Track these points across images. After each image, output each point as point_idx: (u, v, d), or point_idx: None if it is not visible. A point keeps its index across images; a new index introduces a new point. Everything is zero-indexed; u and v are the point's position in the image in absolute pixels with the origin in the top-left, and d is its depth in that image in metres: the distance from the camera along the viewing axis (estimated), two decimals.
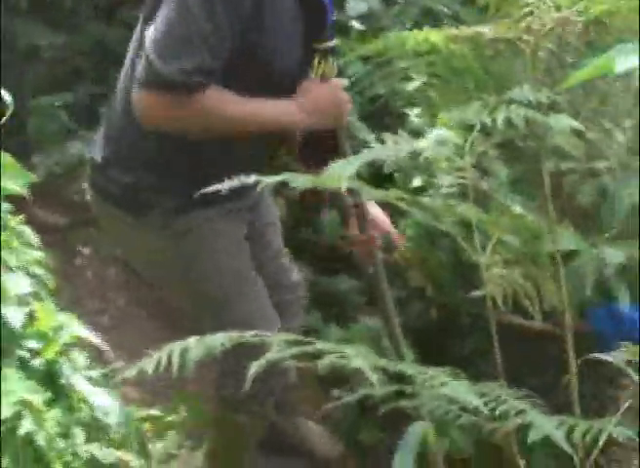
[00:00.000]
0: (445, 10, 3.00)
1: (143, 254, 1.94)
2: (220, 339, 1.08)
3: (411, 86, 2.88)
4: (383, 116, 3.04)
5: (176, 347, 1.07)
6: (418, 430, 1.59)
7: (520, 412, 1.03)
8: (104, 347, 1.63)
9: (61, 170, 3.27)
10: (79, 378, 1.44)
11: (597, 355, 1.46)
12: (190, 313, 2.15)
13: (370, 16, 3.09)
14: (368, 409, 2.36)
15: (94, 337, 1.60)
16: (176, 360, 1.05)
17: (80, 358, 1.53)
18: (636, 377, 1.37)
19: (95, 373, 1.48)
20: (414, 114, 2.90)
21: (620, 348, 1.56)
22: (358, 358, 1.07)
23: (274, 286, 2.06)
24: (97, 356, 1.77)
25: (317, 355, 1.10)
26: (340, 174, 1.19)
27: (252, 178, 1.18)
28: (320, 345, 1.09)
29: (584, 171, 2.26)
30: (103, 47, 3.15)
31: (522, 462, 1.41)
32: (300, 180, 1.19)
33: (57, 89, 3.47)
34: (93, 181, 1.90)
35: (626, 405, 1.29)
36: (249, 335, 1.09)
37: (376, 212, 1.97)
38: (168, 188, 1.81)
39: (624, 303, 1.96)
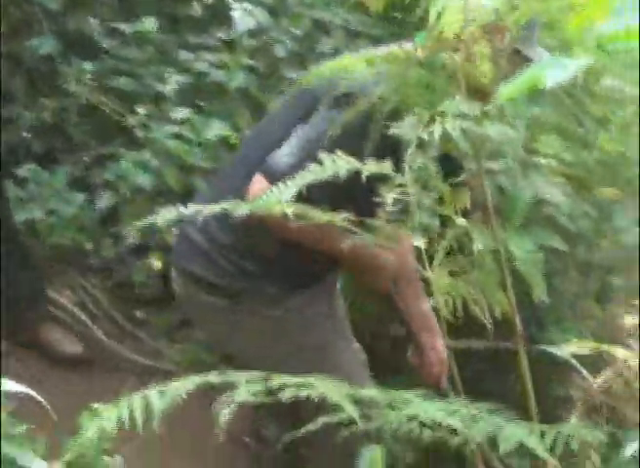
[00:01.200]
0: (336, 20, 2.99)
1: (237, 336, 1.95)
2: (182, 387, 1.02)
3: None
4: None
5: (136, 401, 1.01)
6: (370, 454, 1.59)
7: (494, 427, 1.02)
8: None
9: None
10: None
11: (545, 347, 1.47)
12: None
13: (259, 30, 3.06)
14: None
15: None
16: (139, 415, 0.99)
17: None
18: (584, 372, 1.38)
19: None
20: None
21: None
22: (324, 387, 1.05)
23: None
24: None
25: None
26: (278, 197, 1.16)
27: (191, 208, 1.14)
28: (284, 379, 1.06)
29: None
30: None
31: None
32: (241, 208, 1.15)
33: None
34: (187, 268, 1.90)
35: (579, 405, 1.29)
36: (214, 376, 1.04)
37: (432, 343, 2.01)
38: (269, 276, 1.85)
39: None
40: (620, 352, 1.20)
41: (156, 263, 2.90)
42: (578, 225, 2.71)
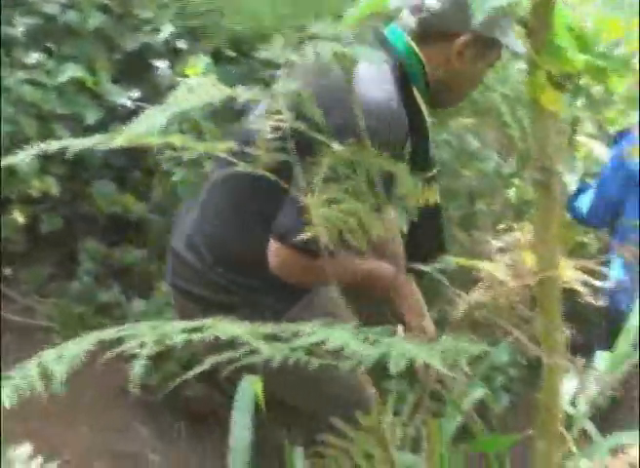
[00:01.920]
0: None
1: None
2: (79, 349, 0.99)
3: (159, 37, 2.81)
4: (140, 72, 2.93)
5: (33, 369, 0.96)
6: (249, 384, 1.60)
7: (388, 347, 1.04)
8: None
9: None
10: None
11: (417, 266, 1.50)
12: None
13: None
14: None
15: None
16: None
17: None
18: (452, 289, 1.41)
19: None
20: (164, 66, 2.84)
21: None
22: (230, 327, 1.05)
23: None
24: None
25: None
26: (149, 128, 1.11)
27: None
28: (181, 324, 1.05)
29: None
30: None
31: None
32: (115, 141, 1.10)
33: None
34: (181, 286, 1.87)
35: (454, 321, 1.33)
36: (115, 331, 1.01)
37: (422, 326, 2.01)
38: (261, 288, 1.81)
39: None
40: (488, 266, 1.23)
41: (20, 218, 2.79)
42: (440, 154, 2.79)
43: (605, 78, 1.12)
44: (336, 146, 1.21)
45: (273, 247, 1.69)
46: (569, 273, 1.08)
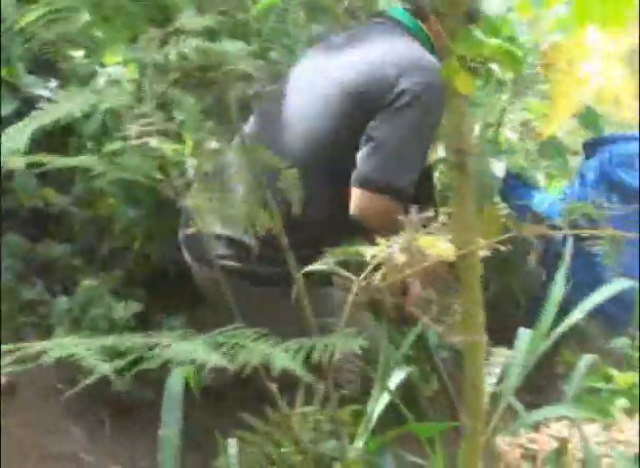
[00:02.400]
0: None
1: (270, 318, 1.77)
2: None
3: (74, 27, 2.74)
4: (56, 61, 2.86)
5: None
6: (179, 374, 1.59)
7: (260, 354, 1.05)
8: None
9: None
10: None
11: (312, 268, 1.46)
12: None
13: None
14: None
15: None
16: None
17: None
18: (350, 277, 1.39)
19: None
20: (80, 57, 2.78)
21: None
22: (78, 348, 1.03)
23: None
24: None
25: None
26: (12, 147, 1.07)
27: None
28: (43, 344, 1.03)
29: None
30: None
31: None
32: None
33: None
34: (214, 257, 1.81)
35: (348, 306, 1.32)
36: None
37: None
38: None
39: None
40: (370, 250, 1.22)
41: None
42: None
43: (516, 63, 1.15)
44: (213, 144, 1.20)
45: (356, 193, 1.81)
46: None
